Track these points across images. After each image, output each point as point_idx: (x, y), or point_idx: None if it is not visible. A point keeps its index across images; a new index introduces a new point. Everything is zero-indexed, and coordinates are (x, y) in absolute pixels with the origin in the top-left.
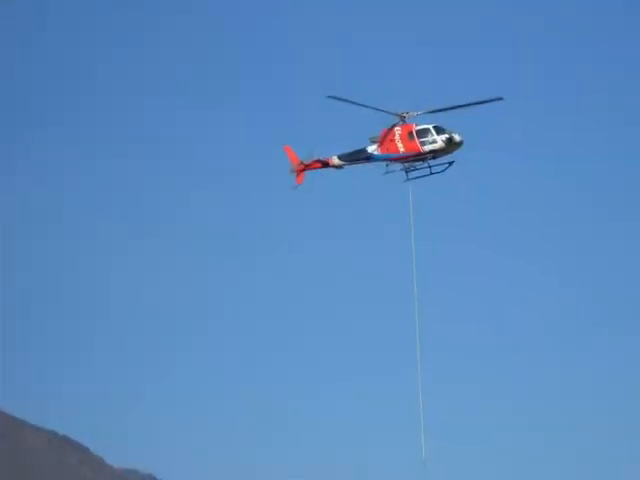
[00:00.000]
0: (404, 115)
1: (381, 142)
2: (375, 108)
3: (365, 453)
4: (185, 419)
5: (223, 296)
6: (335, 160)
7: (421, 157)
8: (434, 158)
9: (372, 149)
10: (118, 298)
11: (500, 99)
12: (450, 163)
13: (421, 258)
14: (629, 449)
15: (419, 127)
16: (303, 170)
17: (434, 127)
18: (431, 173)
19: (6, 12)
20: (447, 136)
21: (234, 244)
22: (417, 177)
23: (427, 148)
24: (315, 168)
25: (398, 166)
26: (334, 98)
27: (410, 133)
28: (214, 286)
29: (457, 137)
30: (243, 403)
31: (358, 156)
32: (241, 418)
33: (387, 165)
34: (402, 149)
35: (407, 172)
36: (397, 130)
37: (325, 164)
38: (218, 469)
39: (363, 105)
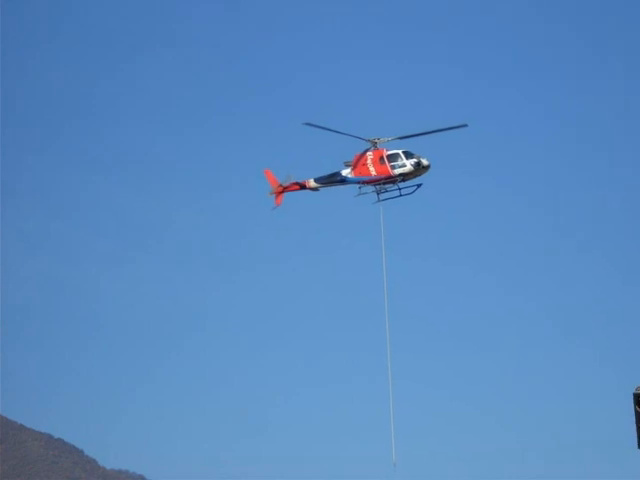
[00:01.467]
0: (376, 141)
1: (354, 166)
2: (349, 134)
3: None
4: (174, 422)
5: (206, 307)
6: (312, 183)
7: (391, 180)
8: (403, 181)
9: (346, 172)
10: (112, 307)
11: (465, 126)
12: (418, 185)
13: (391, 272)
14: (599, 452)
15: (389, 152)
16: (282, 192)
17: (403, 152)
18: (400, 195)
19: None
20: (416, 160)
21: (218, 259)
22: (387, 198)
23: (397, 171)
24: (293, 190)
25: (370, 188)
26: (311, 125)
27: (381, 157)
28: (202, 295)
29: (425, 161)
30: (231, 406)
31: (333, 179)
32: (230, 421)
33: (360, 187)
34: (374, 172)
35: (378, 194)
36: (369, 155)
37: (302, 186)
38: (207, 470)
39: (338, 132)
